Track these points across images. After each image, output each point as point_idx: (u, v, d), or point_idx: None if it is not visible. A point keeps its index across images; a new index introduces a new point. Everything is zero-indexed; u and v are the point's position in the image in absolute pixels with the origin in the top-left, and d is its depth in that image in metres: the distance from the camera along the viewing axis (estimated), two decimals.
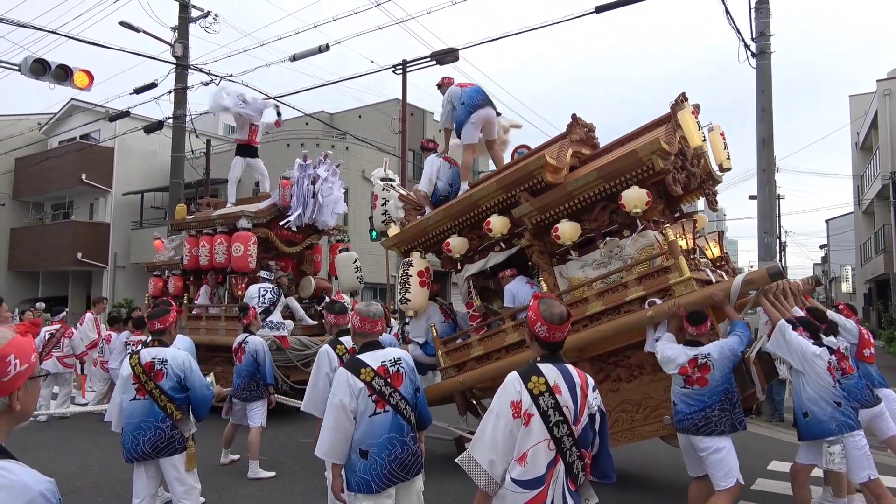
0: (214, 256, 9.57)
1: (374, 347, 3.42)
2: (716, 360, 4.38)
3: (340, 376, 3.29)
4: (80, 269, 25.48)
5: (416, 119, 24.96)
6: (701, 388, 4.39)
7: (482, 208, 6.18)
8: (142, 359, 4.20)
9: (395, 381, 3.30)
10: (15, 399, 1.52)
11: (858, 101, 28.99)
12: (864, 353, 5.47)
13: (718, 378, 4.39)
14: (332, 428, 3.22)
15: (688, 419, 4.42)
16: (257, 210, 9.65)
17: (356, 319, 3.51)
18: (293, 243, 10.25)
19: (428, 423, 3.58)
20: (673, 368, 4.50)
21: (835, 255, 45.80)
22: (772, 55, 10.27)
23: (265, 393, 6.48)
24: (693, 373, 4.40)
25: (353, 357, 3.43)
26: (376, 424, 3.21)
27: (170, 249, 11.31)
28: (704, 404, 4.36)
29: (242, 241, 9.24)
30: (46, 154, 25.81)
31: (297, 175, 9.46)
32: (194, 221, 10.39)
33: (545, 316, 2.63)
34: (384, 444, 3.19)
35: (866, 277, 29.86)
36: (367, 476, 3.16)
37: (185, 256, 10.23)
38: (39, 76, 9.94)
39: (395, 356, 3.40)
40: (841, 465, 4.46)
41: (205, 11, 15.44)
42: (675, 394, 4.55)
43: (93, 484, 6.02)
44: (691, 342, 4.54)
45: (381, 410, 3.23)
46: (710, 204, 6.43)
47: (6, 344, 1.50)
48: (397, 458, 3.21)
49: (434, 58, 15.50)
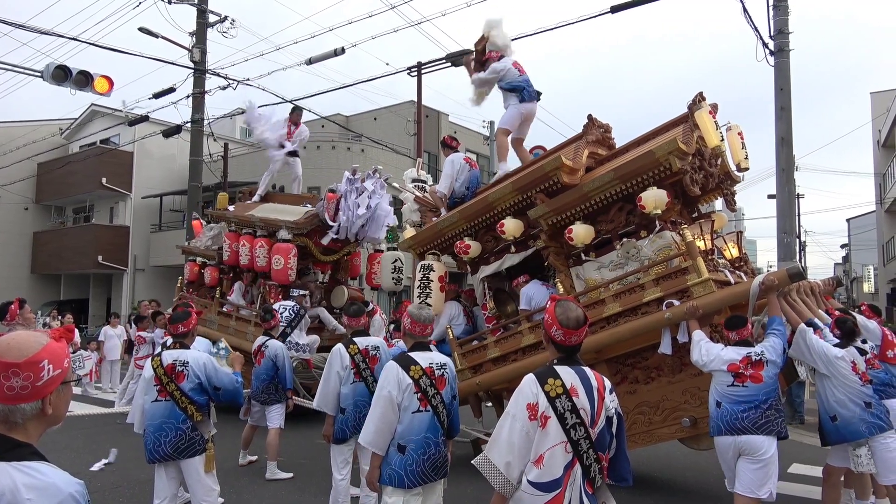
0: (255, 259, 9.44)
1: (423, 348, 3.55)
2: (769, 359, 4.22)
3: (391, 370, 3.40)
4: (100, 271, 25.84)
5: (432, 121, 24.99)
6: (755, 385, 4.17)
7: (498, 210, 6.18)
8: (163, 361, 4.26)
9: (439, 384, 3.42)
10: (48, 403, 1.56)
11: (880, 98, 28.56)
12: (888, 354, 5.37)
13: (773, 376, 4.22)
14: (379, 418, 3.33)
15: (743, 417, 4.14)
16: (297, 221, 9.43)
17: (407, 321, 3.61)
18: (332, 251, 10.00)
19: (457, 433, 3.70)
20: (720, 365, 4.28)
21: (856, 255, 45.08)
22: (790, 53, 10.15)
23: (284, 397, 6.52)
24: (746, 370, 4.20)
25: (405, 353, 3.54)
26: (417, 422, 3.32)
27: (207, 238, 11.21)
28: (759, 401, 4.15)
29: (283, 254, 9.08)
30: (68, 158, 26.22)
31: (344, 188, 9.05)
32: (234, 216, 10.23)
33: (561, 320, 2.64)
34: (421, 442, 3.30)
35: (889, 277, 29.37)
36: (402, 471, 3.27)
37: (226, 252, 10.11)
38: (61, 82, 10.12)
39: (441, 360, 3.50)
40: (869, 466, 4.40)
41: (222, 16, 15.62)
42: (719, 394, 4.29)
43: (114, 484, 6.10)
44: (742, 343, 4.34)
45: (424, 409, 3.34)
46: (728, 204, 6.38)
47: (41, 349, 1.55)
48: (430, 458, 3.32)
49: (449, 59, 15.52)
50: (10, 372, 1.49)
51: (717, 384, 4.34)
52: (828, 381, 4.45)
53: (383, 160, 21.56)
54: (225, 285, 10.59)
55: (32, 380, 1.52)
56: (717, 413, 4.28)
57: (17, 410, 1.51)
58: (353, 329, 4.93)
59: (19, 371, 1.50)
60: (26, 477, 1.43)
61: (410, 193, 7.63)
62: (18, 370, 1.50)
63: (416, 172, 8.03)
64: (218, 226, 10.90)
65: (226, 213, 10.53)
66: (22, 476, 1.43)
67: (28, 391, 1.51)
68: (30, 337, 1.57)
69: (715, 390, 4.35)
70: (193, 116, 15.23)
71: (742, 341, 4.34)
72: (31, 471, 1.45)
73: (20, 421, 1.52)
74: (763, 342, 4.39)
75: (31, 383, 1.52)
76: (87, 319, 26.61)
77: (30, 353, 1.52)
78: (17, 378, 1.50)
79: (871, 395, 4.43)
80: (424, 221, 7.30)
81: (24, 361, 1.51)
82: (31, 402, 1.53)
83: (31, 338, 1.56)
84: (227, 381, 4.33)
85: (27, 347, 1.53)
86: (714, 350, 4.37)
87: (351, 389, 4.60)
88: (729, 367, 4.25)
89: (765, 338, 4.45)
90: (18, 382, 1.50)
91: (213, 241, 10.94)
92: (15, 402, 1.51)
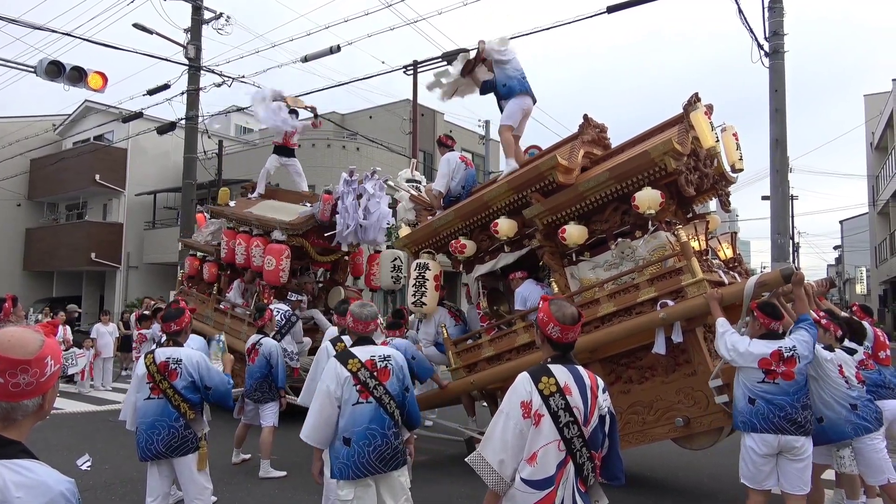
0: (251, 259, 9.36)
1: (366, 343, 3.62)
2: (801, 354, 4.04)
3: (330, 365, 3.51)
4: (93, 269, 25.72)
5: (427, 120, 24.97)
6: (787, 383, 4.01)
7: (493, 209, 6.18)
8: (157, 358, 4.24)
9: (381, 376, 3.46)
10: (46, 399, 1.57)
11: (873, 100, 28.75)
12: (880, 355, 5.40)
13: (804, 373, 4.11)
14: (317, 412, 3.43)
15: (780, 416, 3.98)
16: (292, 222, 9.32)
17: (350, 319, 3.68)
18: (329, 251, 9.90)
19: (416, 424, 3.77)
20: (750, 361, 4.09)
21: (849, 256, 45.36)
22: (785, 55, 10.20)
23: (277, 395, 6.51)
24: (778, 366, 4.02)
25: (345, 349, 3.64)
26: (358, 413, 3.37)
27: (208, 233, 11.13)
28: (795, 399, 4.00)
29: (275, 255, 8.97)
30: (61, 155, 26.09)
31: (341, 190, 8.83)
32: (232, 213, 10.16)
33: (557, 317, 2.65)
34: (364, 434, 3.34)
35: (881, 279, 29.55)
36: (348, 463, 3.33)
37: (223, 248, 10.04)
38: (55, 78, 10.06)
39: (385, 353, 3.57)
40: (852, 467, 4.40)
41: (217, 13, 15.56)
42: (750, 391, 4.10)
43: (106, 482, 6.07)
44: (769, 335, 4.16)
45: (364, 401, 3.39)
46: (722, 205, 6.39)
47: (44, 346, 1.54)
48: (377, 450, 3.35)
49: (445, 58, 15.50)
50: (18, 369, 1.48)
51: (747, 380, 4.16)
52: (815, 382, 4.42)
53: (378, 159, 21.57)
54: (223, 282, 10.53)
55: (38, 376, 1.51)
56: (751, 410, 4.09)
57: (20, 407, 1.51)
58: (343, 327, 4.94)
59: (28, 367, 1.49)
60: (16, 475, 1.42)
61: (406, 192, 7.62)
62: (28, 367, 1.49)
63: (411, 173, 8.03)
64: (218, 221, 10.81)
65: (224, 210, 10.46)
66: (11, 474, 1.41)
67: (32, 387, 1.51)
68: (27, 333, 1.56)
69: (745, 385, 4.15)
70: (188, 113, 15.17)
71: (770, 333, 4.16)
72: (21, 469, 1.44)
73: (20, 418, 1.52)
74: (793, 335, 4.19)
75: (37, 379, 1.51)
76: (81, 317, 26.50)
77: (36, 349, 1.52)
78: (26, 375, 1.49)
79: (857, 396, 4.43)
80: (420, 220, 7.29)
81: (34, 358, 1.50)
82: (33, 399, 1.52)
83: (29, 334, 1.56)
84: (219, 382, 4.31)
85: (31, 344, 1.52)
86: (741, 344, 4.17)
87: None
88: (760, 364, 4.08)
89: (793, 331, 4.25)
90: (25, 379, 1.49)
91: (213, 237, 10.87)
92: (20, 398, 1.50)
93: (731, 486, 4.80)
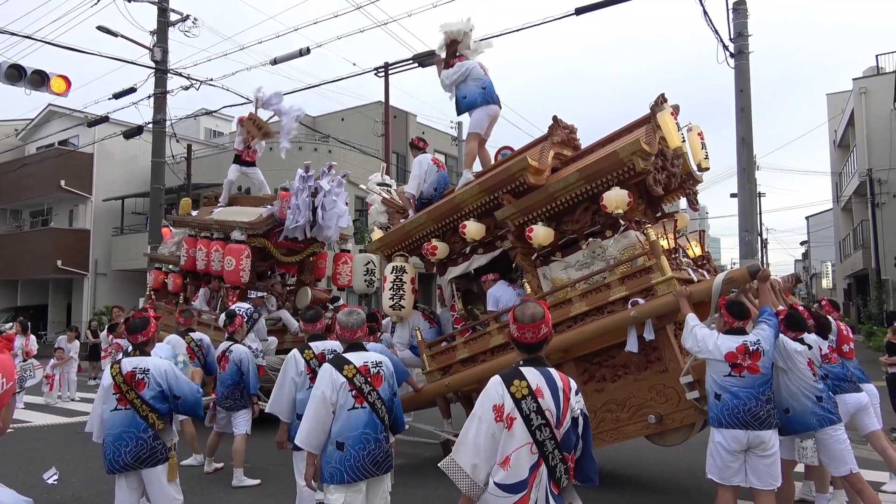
0: (211, 263, 9.29)
1: (358, 349, 3.66)
2: (765, 349, 4.17)
3: (325, 371, 3.52)
4: (60, 276, 25.15)
5: (399, 121, 24.93)
6: (752, 376, 4.11)
7: (465, 211, 6.18)
8: (123, 368, 4.14)
9: (374, 381, 3.51)
10: (1, 416, 1.53)
11: (836, 99, 29.40)
12: (844, 348, 5.51)
13: (768, 366, 4.21)
14: (312, 417, 3.45)
15: (744, 410, 4.07)
16: (252, 221, 9.23)
17: (337, 328, 3.71)
18: (294, 252, 9.84)
19: (401, 428, 3.81)
20: (717, 355, 4.19)
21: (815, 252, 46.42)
22: (750, 55, 10.40)
23: (249, 402, 6.42)
24: (743, 360, 4.13)
25: (339, 355, 3.64)
26: (353, 419, 3.41)
27: (172, 244, 11.01)
28: (759, 392, 4.10)
29: (234, 255, 8.90)
30: (24, 160, 25.41)
31: (297, 186, 8.81)
32: (193, 221, 10.07)
33: (516, 316, 2.69)
34: (359, 438, 3.39)
35: (846, 273, 30.27)
36: (341, 467, 3.35)
37: (183, 257, 9.96)
38: (15, 82, 9.80)
39: (377, 359, 3.62)
40: (813, 459, 4.49)
41: (184, 15, 15.34)
42: (718, 384, 4.20)
43: (74, 496, 5.93)
44: (735, 331, 4.27)
45: (359, 406, 3.44)
46: (690, 203, 6.49)
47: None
48: (370, 453, 3.40)
49: (416, 60, 15.51)
50: None
51: (714, 373, 4.26)
52: (784, 374, 4.52)
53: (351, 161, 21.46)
54: (189, 291, 10.41)
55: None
56: (718, 405, 4.18)
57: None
58: (310, 334, 4.89)
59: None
60: None
61: (378, 195, 7.59)
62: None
63: (381, 176, 7.99)
64: (181, 231, 10.72)
65: (185, 219, 10.38)
66: None
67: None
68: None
69: (713, 380, 4.26)
70: (155, 117, 14.92)
71: (735, 329, 4.26)
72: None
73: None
74: (756, 330, 4.32)
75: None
76: (47, 326, 25.86)
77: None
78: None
79: (822, 389, 4.53)
80: (392, 223, 7.26)
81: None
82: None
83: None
84: (188, 391, 4.24)
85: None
86: (710, 339, 4.28)
87: (306, 395, 4.55)
88: (727, 357, 4.18)
89: (756, 326, 4.38)
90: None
91: (178, 248, 10.75)
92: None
93: (706, 482, 4.86)
